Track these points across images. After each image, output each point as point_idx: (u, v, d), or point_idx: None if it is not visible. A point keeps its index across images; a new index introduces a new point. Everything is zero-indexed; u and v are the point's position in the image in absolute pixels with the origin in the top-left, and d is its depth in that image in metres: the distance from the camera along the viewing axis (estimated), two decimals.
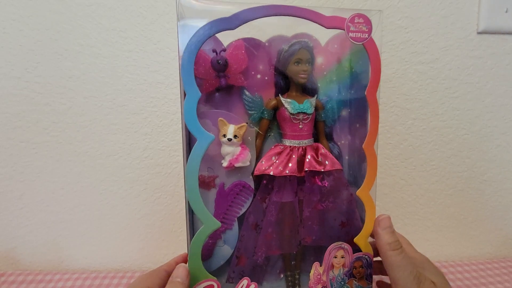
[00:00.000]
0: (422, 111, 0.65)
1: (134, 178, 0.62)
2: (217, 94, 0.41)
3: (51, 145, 0.61)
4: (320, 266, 0.42)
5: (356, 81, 0.43)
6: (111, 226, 0.64)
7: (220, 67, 0.38)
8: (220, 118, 0.39)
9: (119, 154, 0.62)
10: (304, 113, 0.41)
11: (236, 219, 0.42)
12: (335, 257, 0.42)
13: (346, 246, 0.42)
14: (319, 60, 0.43)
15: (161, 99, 0.60)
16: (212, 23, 0.35)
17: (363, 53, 0.39)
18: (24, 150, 0.60)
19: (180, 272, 0.36)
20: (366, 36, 0.39)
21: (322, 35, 0.42)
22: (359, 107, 0.43)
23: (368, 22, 0.39)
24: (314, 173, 0.42)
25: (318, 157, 0.42)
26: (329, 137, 0.45)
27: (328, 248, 0.42)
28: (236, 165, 0.39)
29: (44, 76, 0.59)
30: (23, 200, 0.62)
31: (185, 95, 0.36)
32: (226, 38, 0.39)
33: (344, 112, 0.44)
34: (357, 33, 0.39)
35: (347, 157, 0.45)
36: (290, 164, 0.41)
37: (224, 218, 0.41)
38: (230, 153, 0.39)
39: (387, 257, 0.38)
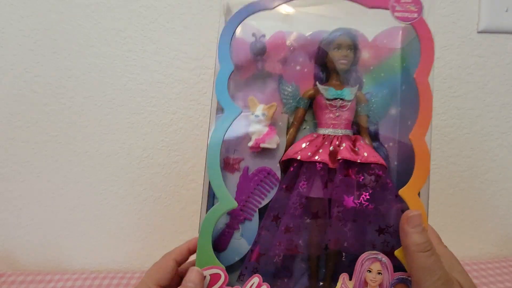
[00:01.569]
0: None
1: (134, 178, 0.62)
2: (253, 81, 0.40)
3: (50, 145, 0.60)
4: (350, 280, 0.35)
5: (407, 77, 0.39)
6: (111, 226, 0.63)
7: (258, 50, 0.39)
8: (250, 96, 0.38)
9: (118, 154, 0.61)
10: (341, 99, 0.38)
11: (257, 209, 0.39)
12: (369, 271, 0.34)
13: (385, 259, 0.34)
14: (366, 55, 0.40)
15: (161, 98, 0.60)
16: (250, 4, 0.36)
17: (416, 46, 0.36)
18: (23, 150, 0.60)
19: (194, 277, 0.34)
20: (415, 16, 0.36)
21: (369, 31, 0.41)
22: (412, 104, 0.37)
23: (417, 2, 0.36)
24: (348, 165, 0.37)
25: (355, 147, 0.37)
26: (374, 137, 0.40)
27: (360, 257, 0.35)
28: (262, 145, 0.37)
29: (43, 76, 0.59)
30: (23, 200, 0.62)
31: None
32: (267, 31, 0.40)
33: (394, 111, 0.40)
34: (404, 13, 0.36)
35: (396, 163, 0.40)
36: (321, 151, 0.37)
37: (245, 206, 0.39)
38: (257, 132, 0.38)
39: (415, 258, 0.32)
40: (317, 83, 0.40)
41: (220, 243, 0.38)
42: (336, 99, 0.38)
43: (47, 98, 0.59)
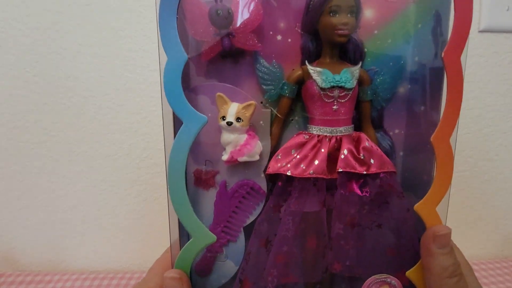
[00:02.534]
0: None
1: (134, 178, 0.62)
2: (220, 62, 0.30)
3: (50, 145, 0.60)
4: None
5: (422, 43, 0.30)
6: (111, 227, 0.63)
7: (221, 20, 0.27)
8: (218, 93, 0.29)
9: (118, 154, 0.61)
10: (341, 87, 0.29)
11: (242, 229, 0.33)
12: None
13: (394, 281, 0.30)
14: (368, 13, 0.30)
15: (160, 98, 0.60)
16: None
17: (434, 3, 0.28)
18: (23, 150, 0.60)
19: (169, 284, 0.29)
20: None
21: None
22: (426, 81, 0.30)
23: None
24: (351, 176, 0.30)
25: (359, 153, 0.30)
26: (378, 124, 0.32)
27: (367, 282, 0.30)
28: (240, 159, 0.29)
29: (43, 75, 0.58)
30: (22, 201, 0.62)
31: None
32: None
33: (402, 89, 0.31)
34: None
35: (401, 153, 0.33)
36: (316, 162, 0.29)
37: (226, 228, 0.32)
38: (232, 142, 0.29)
39: (441, 284, 0.28)
40: (307, 63, 0.30)
41: (202, 268, 0.33)
42: (333, 87, 0.29)
43: (47, 98, 0.59)
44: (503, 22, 0.63)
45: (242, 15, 0.29)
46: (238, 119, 0.29)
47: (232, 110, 0.29)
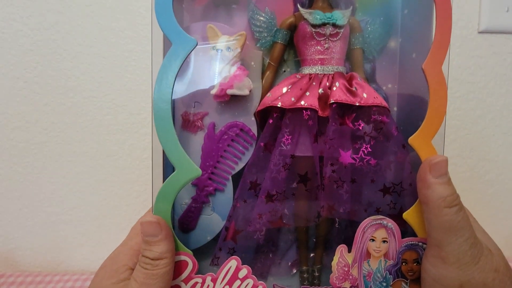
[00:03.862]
0: None
1: (134, 178, 0.62)
2: (213, 9, 0.30)
3: (50, 145, 0.60)
4: (349, 252, 0.29)
5: None
6: (111, 227, 0.63)
7: None
8: (209, 25, 0.29)
9: (118, 155, 0.61)
10: (332, 25, 0.29)
11: (230, 177, 0.31)
12: (373, 239, 0.28)
13: (391, 224, 0.28)
14: None
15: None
16: None
17: None
18: (23, 150, 0.60)
19: (147, 229, 0.27)
20: None
21: None
22: (417, 32, 0.30)
23: None
24: (343, 111, 0.29)
25: (351, 86, 0.29)
26: (371, 78, 0.33)
27: (361, 224, 0.28)
28: (230, 91, 0.28)
29: (43, 76, 0.58)
30: (22, 201, 0.62)
31: None
32: None
33: (393, 43, 0.32)
34: None
35: (395, 109, 0.33)
36: (307, 93, 0.29)
37: (214, 174, 0.30)
38: (221, 72, 0.29)
39: (440, 215, 0.26)
40: (299, 6, 0.30)
41: (186, 221, 0.31)
42: (324, 25, 0.29)
43: (47, 99, 0.59)
44: (503, 23, 0.63)
45: None
46: (228, 48, 0.28)
47: (222, 39, 0.29)
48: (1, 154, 0.60)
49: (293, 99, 0.29)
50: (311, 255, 0.33)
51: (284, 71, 0.32)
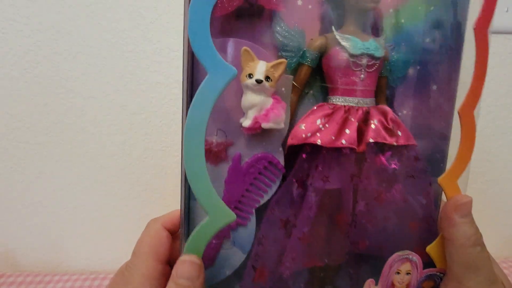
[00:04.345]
0: None
1: (134, 179, 0.62)
2: (234, 20, 0.27)
3: (50, 145, 0.60)
4: (376, 285, 0.30)
5: (433, 25, 0.30)
6: (111, 227, 0.63)
7: None
8: (245, 48, 0.25)
9: (119, 155, 0.61)
10: (370, 56, 0.27)
11: (253, 210, 0.29)
12: (398, 272, 0.29)
13: (416, 258, 0.30)
14: None
15: (161, 99, 0.60)
16: None
17: None
18: (23, 150, 0.60)
19: (187, 270, 0.25)
20: None
21: None
22: (440, 62, 0.30)
23: None
24: (379, 149, 0.29)
25: (388, 124, 0.29)
26: (389, 104, 0.31)
27: (390, 259, 0.29)
28: (265, 125, 0.26)
29: (43, 76, 0.59)
30: (23, 201, 0.62)
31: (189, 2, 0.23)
32: None
33: (411, 71, 0.31)
34: None
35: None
36: (347, 131, 0.27)
37: (237, 209, 0.28)
38: (258, 105, 0.26)
39: (463, 254, 0.27)
40: (333, 29, 0.28)
41: (205, 258, 0.28)
42: (362, 55, 0.27)
43: (47, 99, 0.59)
44: (502, 23, 0.63)
45: None
46: (267, 78, 0.25)
47: (261, 67, 0.25)
48: (1, 154, 0.60)
49: (332, 137, 0.27)
50: (321, 274, 0.32)
51: (307, 92, 0.30)
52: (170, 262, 0.30)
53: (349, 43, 0.27)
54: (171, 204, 0.63)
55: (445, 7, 0.30)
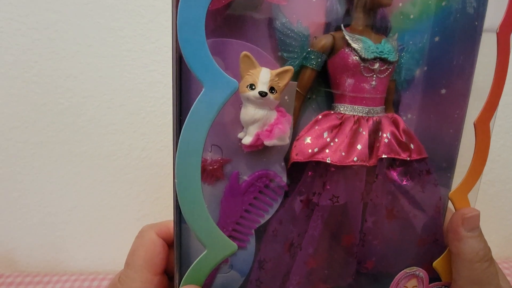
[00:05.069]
0: None
1: (133, 178, 0.62)
2: (230, 15, 0.22)
3: (49, 145, 0.60)
4: None
5: (444, 23, 0.27)
6: (110, 227, 0.63)
7: None
8: (245, 53, 0.21)
9: (117, 155, 0.61)
10: (383, 60, 0.24)
11: (253, 231, 0.26)
12: None
13: (423, 273, 0.29)
14: None
15: (160, 98, 0.60)
16: None
17: None
18: (22, 150, 0.60)
19: None
20: None
21: None
22: (448, 62, 0.27)
23: None
24: (390, 163, 0.27)
25: (401, 137, 0.26)
26: (395, 109, 0.29)
27: (397, 276, 0.28)
28: (268, 143, 0.22)
29: (41, 75, 0.58)
30: (21, 201, 0.61)
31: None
32: None
33: (418, 71, 0.28)
34: None
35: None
36: (359, 147, 0.24)
37: (235, 231, 0.26)
38: (260, 120, 0.22)
39: (470, 269, 0.27)
40: (343, 27, 0.24)
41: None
42: (375, 59, 0.24)
43: (45, 98, 0.59)
44: None
45: None
46: (271, 89, 0.21)
47: (265, 77, 0.21)
48: (0, 155, 0.60)
49: (343, 153, 0.24)
50: None
51: (309, 97, 0.26)
52: (166, 271, 0.29)
53: (360, 45, 0.24)
54: (170, 204, 0.63)
55: (460, 2, 0.26)
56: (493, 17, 0.63)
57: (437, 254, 0.29)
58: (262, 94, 0.21)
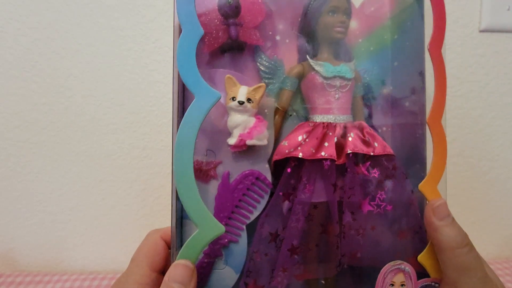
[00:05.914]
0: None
1: (133, 178, 0.62)
2: (220, 56, 0.31)
3: (49, 145, 0.60)
4: None
5: (399, 51, 0.35)
6: (110, 227, 0.63)
7: (231, 9, 0.29)
8: (228, 75, 0.29)
9: (117, 154, 0.61)
10: (342, 77, 0.31)
11: (244, 227, 0.30)
12: (392, 284, 0.30)
13: (408, 268, 0.30)
14: (353, 24, 0.34)
15: (160, 98, 0.60)
16: None
17: (411, 14, 0.33)
18: (22, 150, 0.60)
19: (180, 274, 0.25)
20: None
21: None
22: (408, 81, 0.34)
23: None
24: (358, 159, 0.31)
25: (365, 136, 0.31)
26: (368, 122, 0.35)
27: (383, 270, 0.30)
28: (249, 142, 0.28)
29: (42, 75, 0.58)
30: (22, 201, 0.61)
31: (180, 32, 0.26)
32: None
33: (385, 90, 0.35)
34: None
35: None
36: (326, 144, 0.30)
37: (228, 225, 0.29)
38: (241, 124, 0.28)
39: (451, 257, 0.28)
40: (308, 57, 0.32)
41: (197, 279, 0.28)
42: (335, 77, 0.31)
43: (46, 98, 0.59)
44: (504, 21, 0.62)
45: (247, 13, 0.30)
46: (248, 100, 0.28)
47: (243, 91, 0.28)
48: (0, 154, 0.60)
49: (312, 150, 0.30)
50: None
51: (291, 115, 0.33)
52: (164, 271, 0.29)
53: (322, 68, 0.31)
54: (170, 203, 0.63)
55: (406, 34, 0.34)
56: (489, 18, 0.64)
57: (421, 248, 0.30)
58: (240, 103, 0.28)
